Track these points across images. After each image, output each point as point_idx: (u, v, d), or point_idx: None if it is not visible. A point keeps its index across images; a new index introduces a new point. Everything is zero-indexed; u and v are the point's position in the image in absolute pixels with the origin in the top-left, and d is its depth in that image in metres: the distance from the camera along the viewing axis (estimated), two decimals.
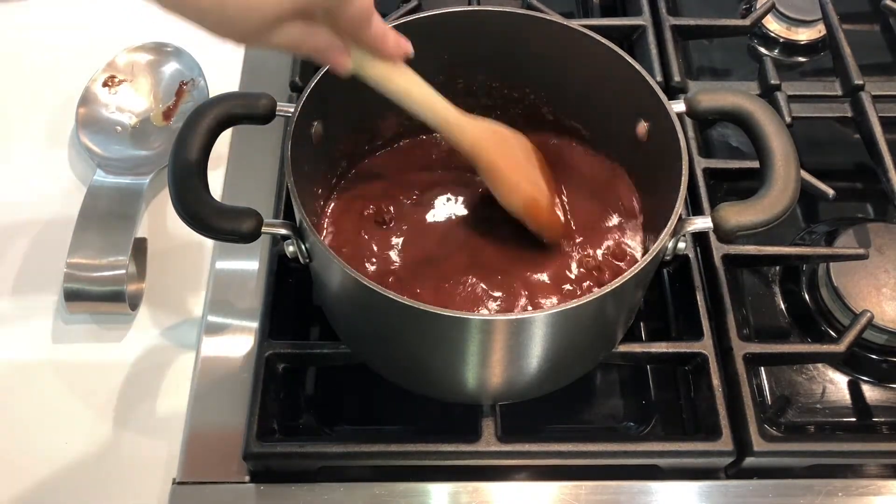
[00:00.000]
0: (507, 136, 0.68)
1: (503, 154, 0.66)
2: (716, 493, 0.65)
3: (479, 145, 0.65)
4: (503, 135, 0.67)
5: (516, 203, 0.67)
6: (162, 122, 0.83)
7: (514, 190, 0.67)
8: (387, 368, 0.67)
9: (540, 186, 0.68)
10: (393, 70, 0.59)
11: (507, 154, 0.67)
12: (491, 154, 0.65)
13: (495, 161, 0.66)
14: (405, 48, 0.59)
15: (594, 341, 0.65)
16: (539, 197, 0.68)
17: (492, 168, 0.66)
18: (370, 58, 0.58)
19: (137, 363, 0.72)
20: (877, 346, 0.73)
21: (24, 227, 0.79)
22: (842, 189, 0.78)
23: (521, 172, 0.67)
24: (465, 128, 0.64)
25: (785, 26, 0.94)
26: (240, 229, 0.59)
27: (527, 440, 0.65)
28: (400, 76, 0.60)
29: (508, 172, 0.66)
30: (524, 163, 0.68)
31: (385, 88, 0.60)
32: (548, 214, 0.68)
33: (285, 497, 0.64)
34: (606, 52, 0.66)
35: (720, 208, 0.60)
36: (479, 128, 0.65)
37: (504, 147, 0.67)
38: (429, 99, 0.62)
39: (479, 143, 0.65)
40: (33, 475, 0.67)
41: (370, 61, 0.58)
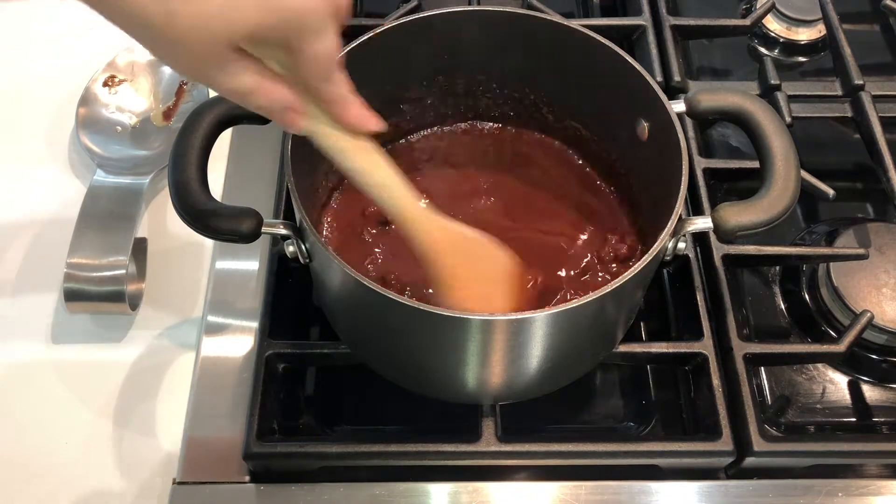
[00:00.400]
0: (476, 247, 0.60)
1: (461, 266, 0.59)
2: (716, 493, 0.65)
3: (437, 249, 0.58)
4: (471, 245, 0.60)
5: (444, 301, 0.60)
6: (162, 122, 0.83)
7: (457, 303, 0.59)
8: (387, 369, 0.67)
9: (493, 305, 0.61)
10: (353, 144, 0.53)
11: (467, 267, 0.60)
12: (445, 263, 0.58)
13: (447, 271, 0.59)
14: (368, 124, 0.52)
15: (594, 341, 0.65)
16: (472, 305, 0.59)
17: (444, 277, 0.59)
18: (328, 124, 0.52)
19: (137, 363, 0.72)
20: (877, 346, 0.73)
21: (24, 227, 0.79)
22: (842, 189, 0.78)
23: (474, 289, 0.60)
24: (423, 225, 0.57)
25: (785, 26, 0.94)
26: (240, 229, 0.59)
27: (527, 440, 0.65)
28: (359, 153, 0.54)
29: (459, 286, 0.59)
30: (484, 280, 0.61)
31: (339, 163, 0.54)
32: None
33: (285, 497, 0.64)
34: (606, 52, 0.66)
35: (720, 208, 0.60)
36: (441, 231, 0.58)
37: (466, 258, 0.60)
38: (386, 182, 0.55)
39: (437, 246, 0.58)
40: (33, 475, 0.67)
41: (328, 128, 0.52)
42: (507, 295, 0.62)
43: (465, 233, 0.60)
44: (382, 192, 0.56)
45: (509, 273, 0.62)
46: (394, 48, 0.68)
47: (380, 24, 0.67)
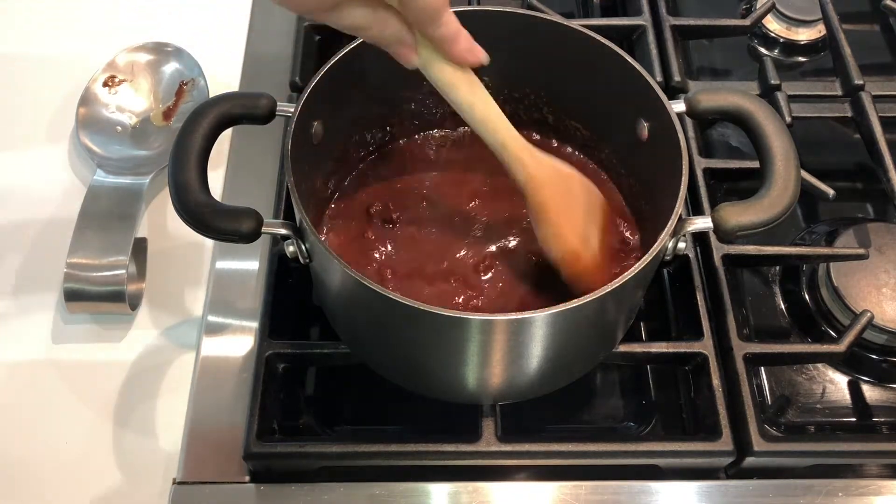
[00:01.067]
0: (570, 181, 0.64)
1: (559, 199, 0.62)
2: (716, 493, 0.65)
3: (535, 183, 0.61)
4: (566, 179, 0.63)
5: (555, 251, 0.63)
6: (162, 122, 0.83)
7: (557, 238, 0.63)
8: (387, 368, 0.67)
9: (588, 243, 0.64)
10: (460, 77, 0.56)
11: (564, 200, 0.63)
12: (544, 195, 0.62)
13: (546, 203, 0.62)
14: (478, 56, 0.55)
15: (594, 341, 0.65)
16: (582, 252, 0.64)
17: (541, 209, 0.62)
18: (438, 58, 0.55)
19: (137, 363, 0.72)
20: (877, 346, 0.73)
21: (24, 227, 0.79)
22: (842, 189, 0.78)
23: (571, 222, 0.63)
24: (524, 160, 0.60)
25: (785, 26, 0.94)
26: (240, 229, 0.59)
27: (527, 440, 0.65)
28: (466, 86, 0.57)
29: (556, 219, 0.62)
30: (579, 213, 0.64)
31: (448, 95, 0.57)
32: (585, 271, 0.64)
33: (285, 497, 0.64)
34: (606, 52, 0.66)
35: (720, 208, 0.60)
36: (540, 164, 0.61)
37: (562, 192, 0.63)
38: (492, 119, 0.59)
39: (534, 179, 0.61)
40: (33, 475, 0.67)
41: (438, 62, 0.55)
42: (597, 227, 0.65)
43: (560, 167, 0.63)
44: (484, 124, 0.59)
45: (598, 207, 0.65)
46: None
47: None
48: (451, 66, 0.55)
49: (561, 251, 0.63)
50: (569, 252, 0.63)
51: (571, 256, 0.63)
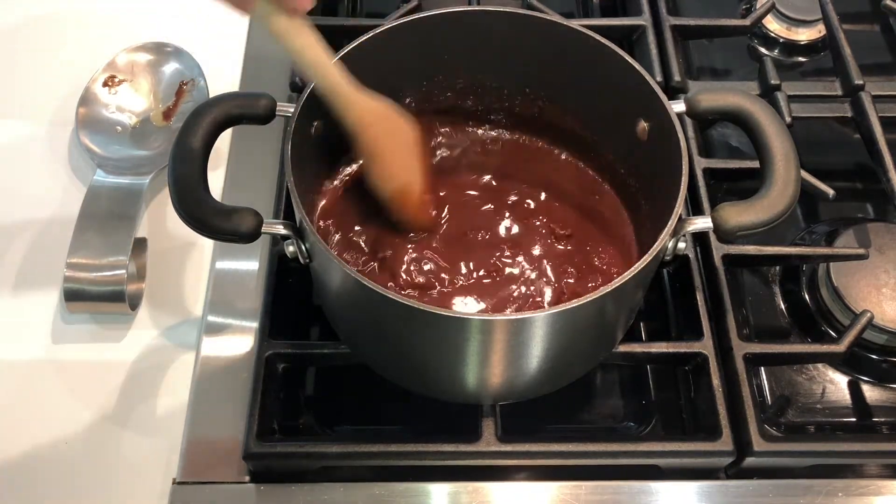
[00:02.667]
0: (395, 119, 0.66)
1: (386, 137, 0.66)
2: (716, 493, 0.65)
3: (364, 122, 0.64)
4: (392, 118, 0.66)
5: (389, 187, 0.67)
6: (162, 122, 0.83)
7: (389, 175, 0.66)
8: (387, 369, 0.67)
9: (415, 176, 0.67)
10: (294, 26, 0.59)
11: (391, 138, 0.66)
12: (374, 134, 0.65)
13: (376, 142, 0.65)
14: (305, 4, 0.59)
15: (594, 341, 0.65)
16: (413, 185, 0.67)
17: (372, 148, 0.65)
18: (273, 9, 0.58)
19: (137, 363, 0.72)
20: (877, 346, 0.73)
21: (24, 227, 0.79)
22: (842, 189, 0.78)
23: (400, 158, 0.67)
24: (353, 100, 0.63)
25: (785, 26, 0.94)
26: (240, 229, 0.59)
27: (527, 440, 0.65)
28: (299, 35, 0.60)
29: (387, 156, 0.66)
30: (405, 150, 0.67)
31: (283, 43, 0.60)
32: (418, 204, 0.68)
33: (285, 497, 0.64)
34: (606, 52, 0.66)
35: (720, 208, 0.60)
36: (368, 105, 0.64)
37: (389, 130, 0.66)
38: (322, 63, 0.61)
39: (364, 119, 0.64)
40: (33, 475, 0.67)
41: (272, 10, 0.58)
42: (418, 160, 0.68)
43: (383, 107, 0.65)
44: (316, 69, 0.61)
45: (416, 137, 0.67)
46: (394, 48, 0.68)
47: (380, 24, 0.67)
48: (285, 16, 0.59)
49: (395, 186, 0.67)
50: (402, 186, 0.67)
51: (404, 190, 0.67)
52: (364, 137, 0.65)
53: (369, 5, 0.98)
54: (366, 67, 0.66)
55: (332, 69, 0.62)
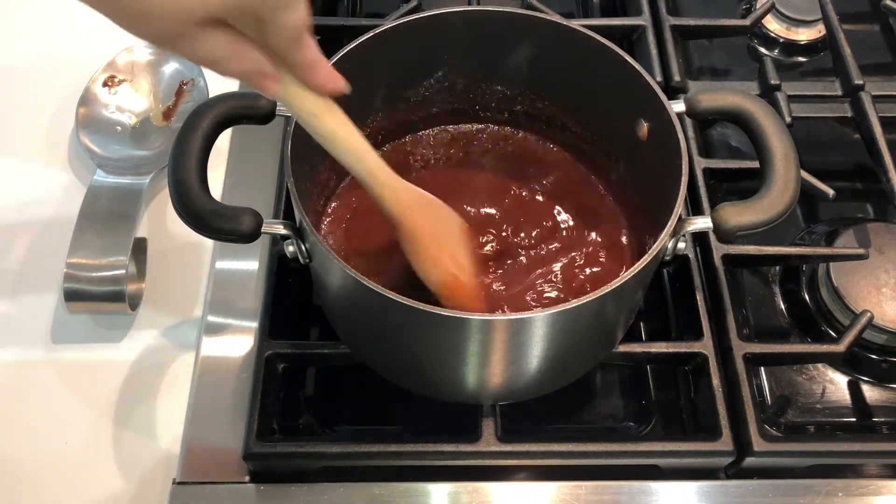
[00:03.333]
0: (437, 208, 0.64)
1: (428, 224, 0.62)
2: (716, 493, 0.65)
3: (407, 211, 0.61)
4: (433, 206, 0.63)
5: (434, 277, 0.62)
6: (162, 122, 0.83)
7: (433, 263, 0.62)
8: (387, 368, 0.67)
9: (461, 265, 0.63)
10: (322, 106, 0.55)
11: (433, 226, 0.63)
12: (415, 221, 0.61)
13: (418, 229, 0.61)
14: (338, 83, 0.54)
15: (594, 341, 0.65)
16: (459, 275, 0.63)
17: (415, 237, 0.61)
18: (300, 88, 0.53)
19: (137, 363, 0.72)
20: (877, 346, 0.73)
21: (24, 227, 0.79)
22: (842, 189, 0.78)
23: (442, 245, 0.63)
24: (392, 186, 0.60)
25: (785, 26, 0.94)
26: (240, 229, 0.59)
27: (527, 440, 0.65)
28: (328, 115, 0.55)
29: (431, 245, 0.62)
30: (449, 238, 0.64)
31: (310, 125, 0.55)
32: (463, 293, 0.63)
33: (285, 497, 0.64)
34: (606, 52, 0.66)
35: (720, 208, 0.60)
36: (406, 189, 0.61)
37: (430, 218, 0.63)
38: (357, 147, 0.57)
39: (404, 205, 0.60)
40: (33, 475, 0.67)
41: (299, 92, 0.53)
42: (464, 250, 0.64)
43: (423, 195, 0.63)
44: (351, 155, 0.57)
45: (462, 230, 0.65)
46: (394, 48, 0.68)
47: (380, 24, 0.67)
48: (313, 95, 0.54)
49: (438, 276, 0.62)
50: (447, 275, 0.62)
51: (449, 279, 0.62)
52: (406, 224, 0.61)
53: (369, 5, 0.98)
54: (366, 67, 0.66)
55: (369, 153, 0.58)
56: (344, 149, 0.57)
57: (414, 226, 0.61)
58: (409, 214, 0.61)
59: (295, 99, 0.54)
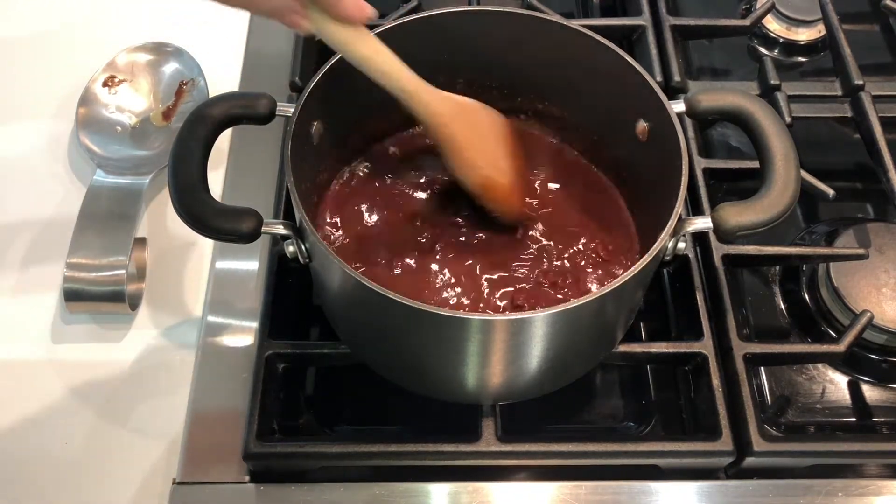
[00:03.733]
0: (474, 112, 0.66)
1: (466, 131, 0.65)
2: (716, 493, 0.65)
3: (438, 118, 0.64)
4: (470, 110, 0.66)
5: (471, 179, 0.66)
6: (162, 122, 0.83)
7: (469, 167, 0.66)
8: (387, 368, 0.67)
9: (499, 166, 0.67)
10: (353, 34, 0.58)
11: (471, 132, 0.66)
12: (452, 129, 0.64)
13: (454, 137, 0.65)
14: (364, 11, 0.57)
15: (594, 341, 0.65)
16: (496, 177, 0.67)
17: (449, 142, 0.65)
18: (329, 20, 0.56)
19: (137, 363, 0.72)
20: (877, 346, 0.73)
21: (24, 227, 0.79)
22: (842, 189, 0.78)
23: (480, 150, 0.66)
24: (425, 98, 0.63)
25: (785, 26, 0.94)
26: (240, 229, 0.59)
27: (527, 440, 0.65)
28: (361, 42, 0.59)
29: (467, 151, 0.65)
30: (487, 141, 0.67)
31: (346, 54, 0.59)
32: (504, 195, 0.68)
33: (285, 497, 0.64)
34: (606, 52, 0.66)
35: (720, 208, 0.60)
36: (441, 100, 0.64)
37: (468, 124, 0.65)
38: (391, 67, 0.61)
39: (438, 115, 0.64)
40: (33, 475, 0.67)
41: (330, 24, 0.57)
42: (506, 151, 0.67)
43: (461, 100, 0.65)
44: (387, 75, 0.61)
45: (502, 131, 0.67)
46: (394, 48, 0.68)
47: (380, 24, 0.67)
48: (343, 26, 0.57)
49: (477, 178, 0.66)
50: (484, 178, 0.66)
51: (488, 182, 0.66)
52: (441, 133, 0.64)
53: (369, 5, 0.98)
54: None
55: (402, 70, 0.61)
56: (380, 70, 0.60)
57: (450, 136, 0.64)
58: (444, 126, 0.64)
59: (327, 32, 0.57)
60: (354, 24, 0.58)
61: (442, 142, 0.65)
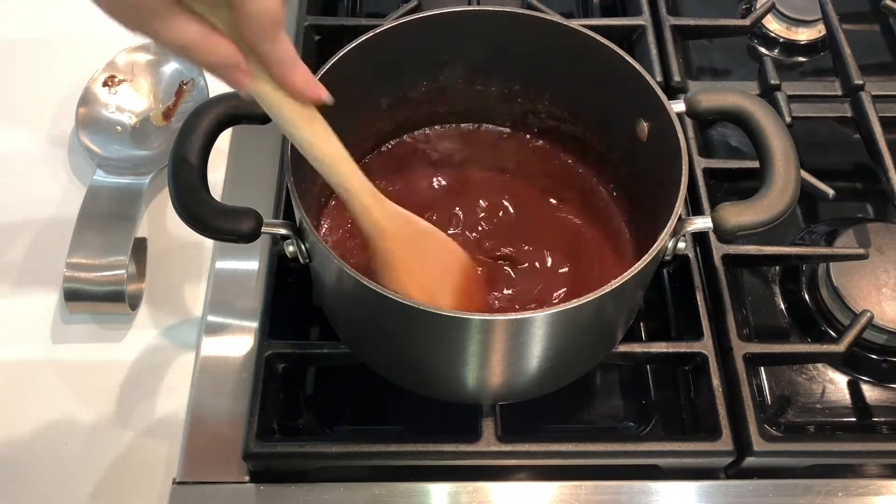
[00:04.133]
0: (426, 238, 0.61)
1: (405, 253, 0.60)
2: (716, 493, 0.65)
3: (379, 232, 0.58)
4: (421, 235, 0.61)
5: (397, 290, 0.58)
6: (162, 122, 0.83)
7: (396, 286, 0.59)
8: (387, 368, 0.67)
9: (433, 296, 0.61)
10: (299, 113, 0.52)
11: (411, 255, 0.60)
12: (390, 245, 0.59)
13: (388, 254, 0.59)
14: (317, 92, 0.51)
15: (594, 341, 0.65)
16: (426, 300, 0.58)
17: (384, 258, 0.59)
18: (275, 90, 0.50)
19: (137, 363, 0.72)
20: (877, 346, 0.73)
21: (24, 227, 0.79)
22: (842, 189, 0.78)
23: (416, 276, 0.60)
24: (369, 206, 0.57)
25: (785, 26, 0.94)
26: (240, 229, 0.59)
27: (527, 440, 0.65)
28: (306, 123, 0.52)
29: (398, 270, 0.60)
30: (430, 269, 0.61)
31: (286, 131, 0.53)
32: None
33: (285, 497, 0.64)
34: (606, 52, 0.66)
35: (720, 208, 0.60)
36: (390, 215, 0.58)
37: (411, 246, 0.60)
38: (335, 160, 0.54)
39: (379, 229, 0.58)
40: (33, 475, 0.67)
41: (274, 93, 0.50)
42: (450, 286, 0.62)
43: (415, 222, 0.60)
44: (330, 166, 0.55)
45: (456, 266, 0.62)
46: (394, 48, 0.68)
47: (380, 24, 0.67)
48: (289, 100, 0.51)
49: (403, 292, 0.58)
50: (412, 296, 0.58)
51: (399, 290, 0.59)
52: (378, 245, 0.59)
53: (369, 5, 0.98)
54: (365, 67, 0.66)
55: (348, 167, 0.55)
56: (321, 159, 0.54)
57: (384, 254, 0.59)
58: (382, 238, 0.58)
59: (268, 99, 0.51)
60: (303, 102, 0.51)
61: (377, 253, 0.59)
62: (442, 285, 0.62)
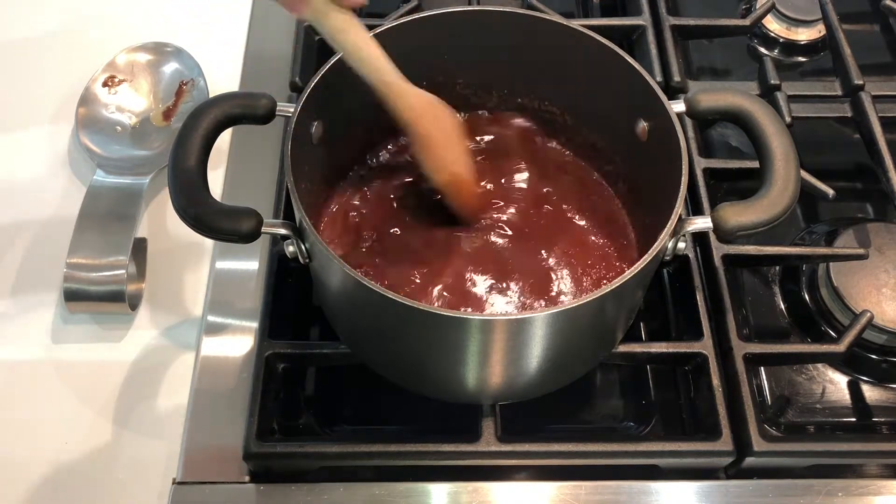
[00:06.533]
0: (443, 111, 0.68)
1: (437, 128, 0.67)
2: (716, 493, 0.65)
3: (417, 115, 0.65)
4: (440, 109, 0.67)
5: (442, 177, 0.68)
6: (162, 122, 0.84)
7: (442, 163, 0.67)
8: (387, 369, 0.67)
9: (465, 164, 0.69)
10: (347, 22, 0.61)
11: (441, 128, 0.68)
12: (426, 126, 0.66)
13: (429, 133, 0.66)
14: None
15: (594, 341, 0.65)
16: (463, 174, 0.68)
17: (425, 139, 0.66)
18: (325, 5, 0.60)
19: (137, 363, 0.72)
20: (877, 346, 0.73)
21: (24, 227, 0.79)
22: (842, 189, 0.78)
23: (449, 148, 0.68)
24: (406, 95, 0.64)
25: (785, 26, 0.94)
26: (240, 229, 0.59)
27: (527, 440, 0.65)
28: (353, 31, 0.62)
29: (439, 146, 0.67)
30: (454, 140, 0.68)
31: (337, 40, 0.62)
32: (469, 190, 0.70)
33: (285, 497, 0.64)
34: (606, 52, 0.66)
35: (720, 208, 0.60)
36: (419, 98, 0.66)
37: (439, 121, 0.67)
38: (375, 59, 0.63)
39: (417, 112, 0.65)
40: (33, 475, 0.67)
41: (326, 9, 0.60)
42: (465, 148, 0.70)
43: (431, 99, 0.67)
44: (369, 65, 0.63)
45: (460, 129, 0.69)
46: (393, 48, 0.68)
47: (380, 24, 0.67)
48: (339, 13, 0.61)
49: (448, 175, 0.68)
50: (454, 174, 0.68)
51: (456, 178, 0.68)
52: (420, 129, 0.66)
53: (369, 5, 0.97)
54: None
55: (385, 65, 0.63)
56: (366, 60, 0.63)
57: (426, 132, 0.66)
58: (420, 122, 0.66)
59: (322, 16, 0.60)
60: (347, 12, 0.61)
61: (419, 138, 0.67)
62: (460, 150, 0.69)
